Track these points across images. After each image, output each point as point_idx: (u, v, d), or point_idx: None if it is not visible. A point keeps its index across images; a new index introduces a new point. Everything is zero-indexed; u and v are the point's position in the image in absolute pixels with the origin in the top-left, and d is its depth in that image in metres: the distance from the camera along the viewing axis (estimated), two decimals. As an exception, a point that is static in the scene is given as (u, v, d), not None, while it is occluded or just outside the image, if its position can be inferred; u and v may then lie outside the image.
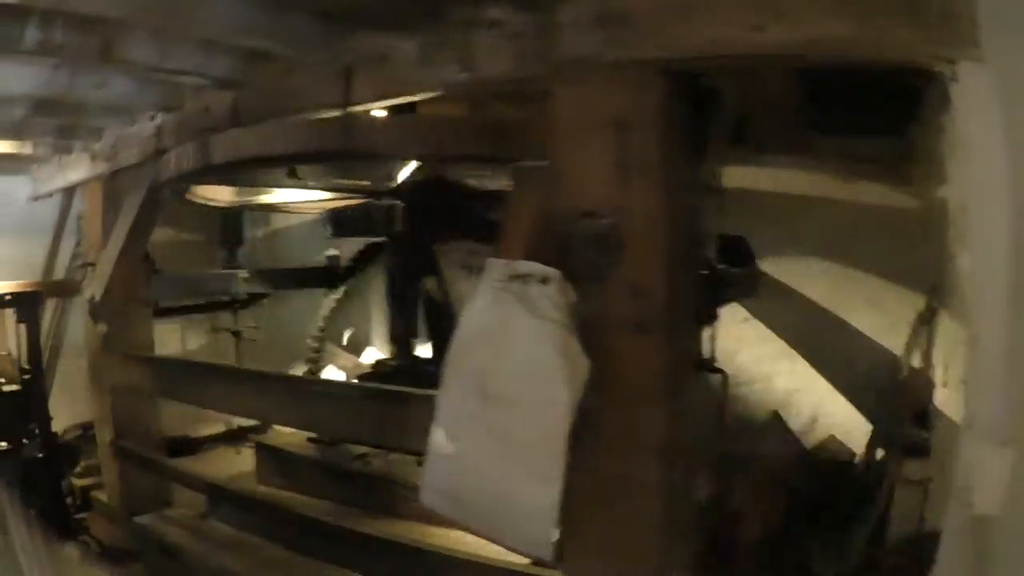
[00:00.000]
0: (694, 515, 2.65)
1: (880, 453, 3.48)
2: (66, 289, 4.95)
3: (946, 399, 3.20)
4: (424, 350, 4.68)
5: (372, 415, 2.85)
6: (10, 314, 4.75)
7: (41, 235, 5.38)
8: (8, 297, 4.64)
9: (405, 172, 3.87)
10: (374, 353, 5.59)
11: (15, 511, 2.47)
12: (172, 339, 5.40)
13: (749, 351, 4.11)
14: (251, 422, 6.27)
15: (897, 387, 3.52)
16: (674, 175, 2.26)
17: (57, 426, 4.87)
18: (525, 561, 3.06)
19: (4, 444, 4.41)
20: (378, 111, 2.85)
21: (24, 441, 4.51)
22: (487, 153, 2.86)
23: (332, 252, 5.95)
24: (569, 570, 2.34)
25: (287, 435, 4.51)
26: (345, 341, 5.79)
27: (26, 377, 4.64)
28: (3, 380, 4.52)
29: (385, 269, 4.40)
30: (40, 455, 4.56)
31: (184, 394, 3.88)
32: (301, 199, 4.93)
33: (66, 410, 4.97)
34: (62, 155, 4.55)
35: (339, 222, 4.16)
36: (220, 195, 4.59)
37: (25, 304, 4.68)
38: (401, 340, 4.40)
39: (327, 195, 4.70)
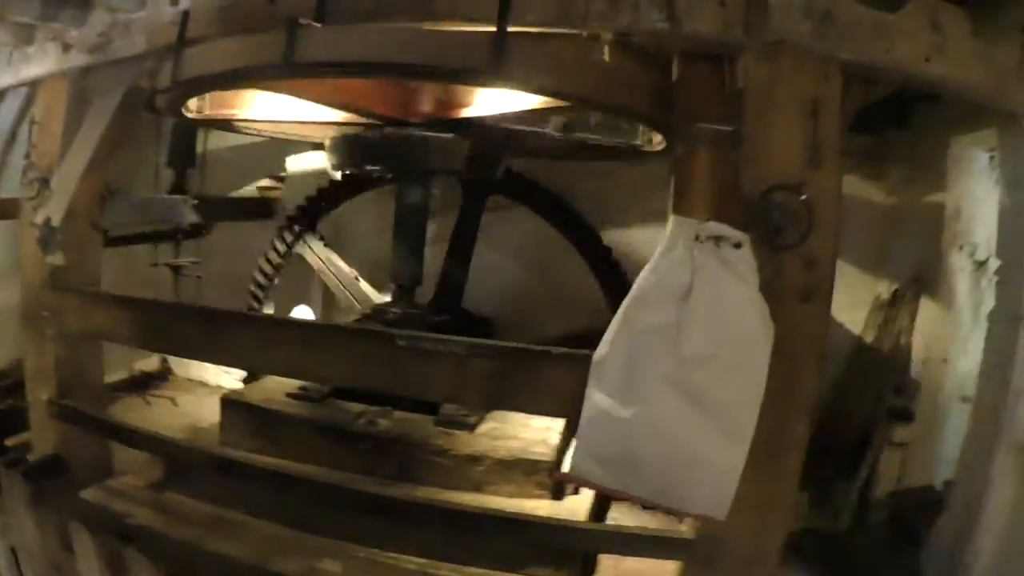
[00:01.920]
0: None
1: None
2: (11, 210, 3.94)
3: (927, 372, 3.80)
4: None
5: (484, 376, 2.67)
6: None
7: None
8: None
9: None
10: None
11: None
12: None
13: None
14: (152, 367, 5.77)
15: (873, 360, 4.06)
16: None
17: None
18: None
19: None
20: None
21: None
22: (645, 109, 2.82)
23: (264, 183, 5.52)
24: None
25: (260, 389, 4.05)
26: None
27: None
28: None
29: (398, 207, 4.03)
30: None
31: (187, 347, 3.35)
32: (296, 119, 4.26)
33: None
34: (19, 46, 3.73)
35: (359, 149, 3.70)
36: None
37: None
38: (406, 286, 4.09)
39: (332, 117, 4.13)
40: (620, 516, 3.63)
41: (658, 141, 3.75)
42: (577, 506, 3.32)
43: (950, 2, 2.53)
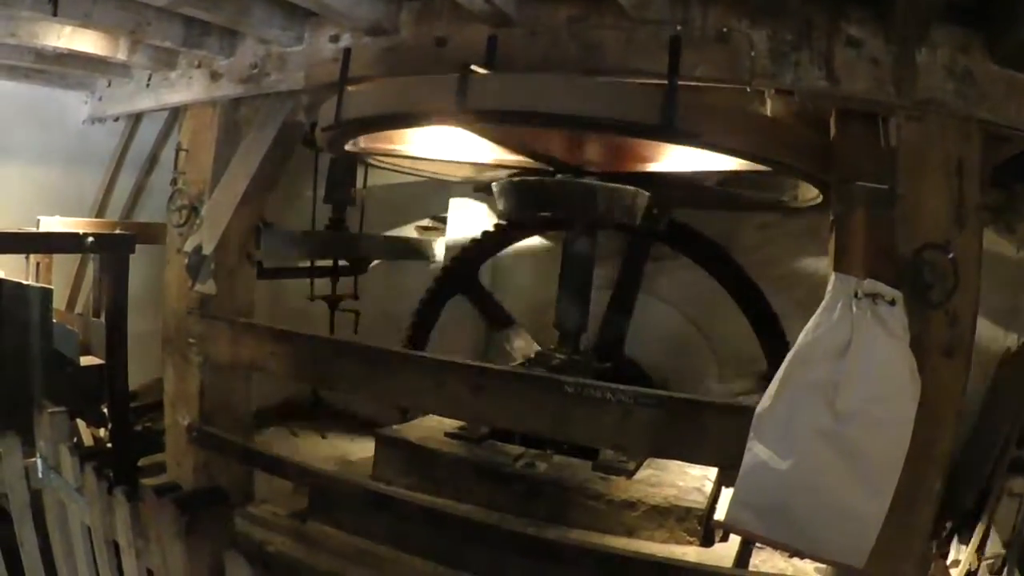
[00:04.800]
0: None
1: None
2: (154, 235, 4.20)
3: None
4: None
5: (648, 424, 2.83)
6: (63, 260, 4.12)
7: (94, 166, 4.78)
8: (91, 239, 3.83)
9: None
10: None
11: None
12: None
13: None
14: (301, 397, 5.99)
15: (1001, 413, 4.25)
16: (981, 219, 2.81)
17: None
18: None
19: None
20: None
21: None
22: (806, 167, 3.05)
23: (425, 223, 5.82)
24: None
25: (417, 427, 4.32)
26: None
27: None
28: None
29: (565, 255, 4.18)
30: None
31: (351, 384, 3.52)
32: (458, 158, 4.42)
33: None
34: (158, 70, 4.04)
35: (531, 196, 3.83)
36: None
37: (114, 250, 3.92)
38: (572, 333, 4.19)
39: (492, 159, 4.28)
40: (759, 562, 3.78)
41: (811, 197, 3.94)
42: (725, 553, 3.52)
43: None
